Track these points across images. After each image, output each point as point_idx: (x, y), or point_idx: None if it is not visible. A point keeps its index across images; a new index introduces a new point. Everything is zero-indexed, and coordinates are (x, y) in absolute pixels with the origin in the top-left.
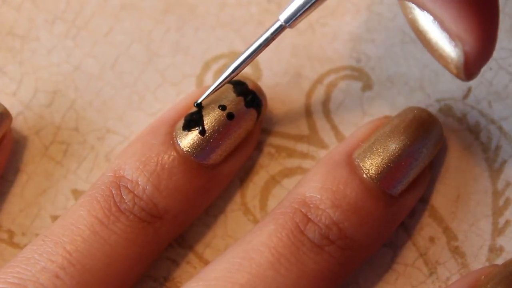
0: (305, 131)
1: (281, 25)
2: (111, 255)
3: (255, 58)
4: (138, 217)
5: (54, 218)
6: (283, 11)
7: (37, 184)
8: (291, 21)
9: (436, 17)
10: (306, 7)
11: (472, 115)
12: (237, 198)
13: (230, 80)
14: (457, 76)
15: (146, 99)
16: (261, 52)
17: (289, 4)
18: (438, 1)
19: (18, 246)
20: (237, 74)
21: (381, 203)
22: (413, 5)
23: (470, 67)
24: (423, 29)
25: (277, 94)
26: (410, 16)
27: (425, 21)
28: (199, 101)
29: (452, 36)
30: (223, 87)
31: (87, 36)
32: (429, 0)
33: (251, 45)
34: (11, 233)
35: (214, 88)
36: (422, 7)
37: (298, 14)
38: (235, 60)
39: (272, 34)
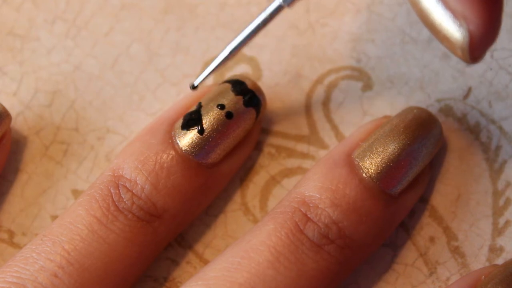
0: (305, 131)
1: (280, 5)
2: (110, 254)
3: (253, 38)
4: (137, 216)
5: (54, 218)
6: None
7: (37, 184)
8: (289, 1)
9: None
10: None
11: (472, 115)
12: (237, 198)
13: (228, 61)
14: (462, 58)
15: (146, 99)
16: (259, 32)
17: None
18: None
19: (18, 246)
20: (235, 55)
21: (381, 203)
22: None
23: (476, 48)
24: (426, 9)
25: (277, 94)
26: None
27: (429, 1)
28: (195, 84)
29: (456, 15)
30: (222, 86)
31: (87, 36)
32: None
33: (249, 25)
34: (11, 233)
35: (212, 70)
36: None
37: None
38: (233, 41)
39: (270, 14)
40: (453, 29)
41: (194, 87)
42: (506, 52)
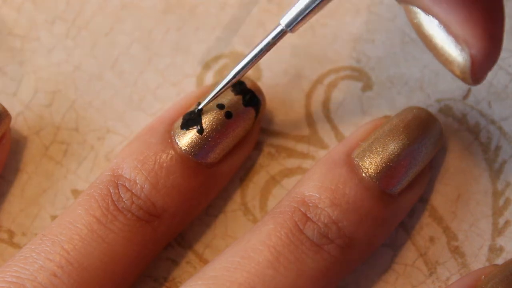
0: (305, 131)
1: (282, 30)
2: (109, 254)
3: (256, 62)
4: (136, 216)
5: (54, 218)
6: (284, 15)
7: (37, 184)
8: (292, 26)
9: (441, 21)
10: (307, 11)
11: (472, 115)
12: (237, 198)
13: (231, 85)
14: (464, 80)
15: (146, 99)
16: (263, 56)
17: (290, 8)
18: (444, 5)
19: (18, 246)
20: (239, 79)
21: (380, 202)
22: (418, 10)
23: (477, 71)
24: (428, 34)
25: (277, 94)
26: (415, 21)
27: (431, 25)
28: (200, 107)
29: (458, 40)
30: None
31: (87, 36)
32: (435, 4)
33: (252, 50)
34: (11, 233)
35: (216, 94)
36: (428, 11)
37: (299, 18)
38: (237, 65)
39: (273, 38)
40: (455, 53)
41: (199, 110)
42: (506, 53)
